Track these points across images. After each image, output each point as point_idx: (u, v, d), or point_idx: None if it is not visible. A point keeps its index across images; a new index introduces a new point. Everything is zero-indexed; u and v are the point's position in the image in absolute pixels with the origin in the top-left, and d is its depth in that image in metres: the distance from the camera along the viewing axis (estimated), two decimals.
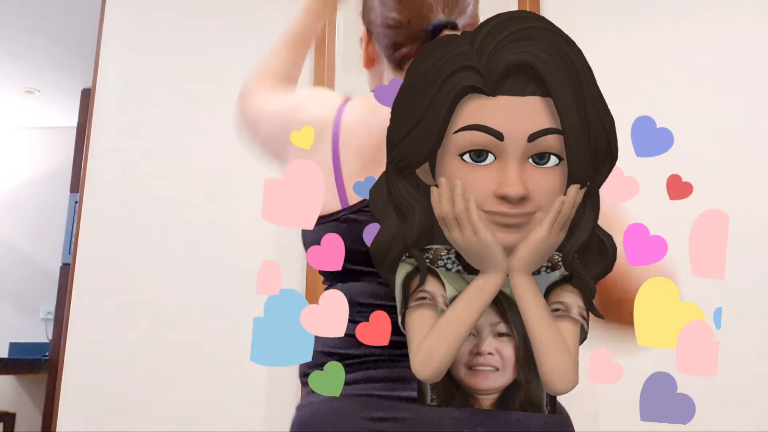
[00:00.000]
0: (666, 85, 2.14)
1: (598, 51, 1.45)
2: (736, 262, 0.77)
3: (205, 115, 2.33)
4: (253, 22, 2.39)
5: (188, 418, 2.07)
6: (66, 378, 2.15)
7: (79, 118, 3.83)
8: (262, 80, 1.03)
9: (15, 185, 4.69)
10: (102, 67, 2.40)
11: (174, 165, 2.30)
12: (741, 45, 2.15)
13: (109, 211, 2.28)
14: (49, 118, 4.53)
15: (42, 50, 3.57)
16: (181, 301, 2.17)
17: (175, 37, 2.42)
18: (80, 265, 2.24)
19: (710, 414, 1.56)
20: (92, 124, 2.36)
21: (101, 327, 2.17)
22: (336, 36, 2.36)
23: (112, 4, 2.46)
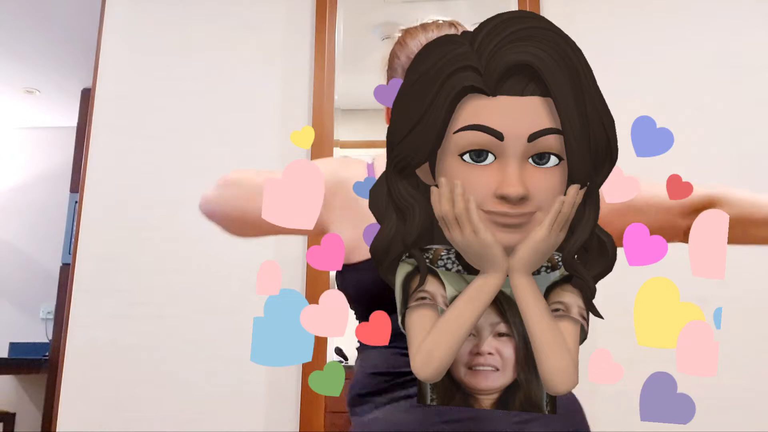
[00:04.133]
0: (666, 85, 2.14)
1: (598, 51, 1.45)
2: (736, 262, 0.77)
3: (205, 115, 2.33)
4: (253, 23, 2.39)
5: (188, 418, 2.07)
6: (66, 378, 2.15)
7: (79, 118, 3.84)
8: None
9: (15, 185, 4.69)
10: (102, 67, 2.41)
11: (173, 165, 2.30)
12: (741, 45, 2.15)
13: (109, 211, 2.28)
14: (49, 118, 4.53)
15: (42, 50, 3.57)
16: (181, 301, 2.17)
17: (175, 37, 2.42)
18: (80, 265, 2.24)
19: (710, 414, 1.56)
20: (92, 124, 2.36)
21: (101, 327, 2.18)
22: (336, 36, 2.36)
23: (112, 4, 2.46)
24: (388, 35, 3.19)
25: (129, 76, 2.41)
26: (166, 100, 2.36)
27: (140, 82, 2.40)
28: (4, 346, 4.09)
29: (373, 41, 2.91)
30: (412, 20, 1.08)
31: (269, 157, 2.24)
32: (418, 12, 2.84)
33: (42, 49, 3.56)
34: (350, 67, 2.47)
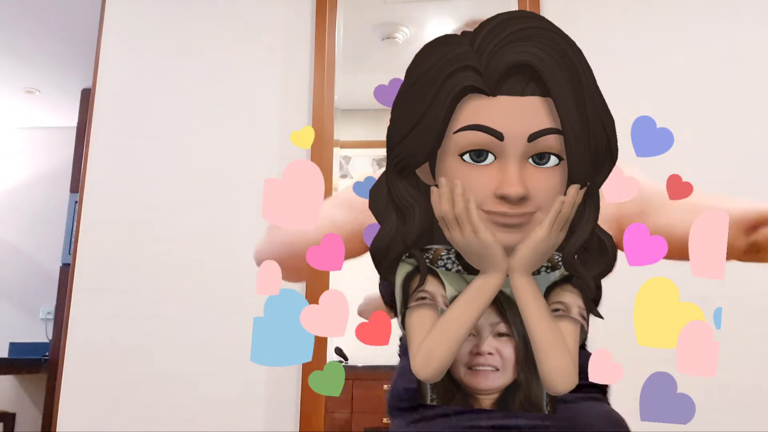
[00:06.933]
0: (666, 85, 2.14)
1: (598, 51, 1.45)
2: (736, 262, 0.77)
3: (205, 115, 2.33)
4: (253, 22, 2.39)
5: (188, 418, 2.07)
6: (66, 378, 2.15)
7: (79, 118, 3.84)
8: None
9: (15, 185, 4.69)
10: (102, 67, 2.41)
11: (174, 165, 2.30)
12: (741, 45, 2.15)
13: (109, 211, 2.28)
14: (49, 118, 4.53)
15: (42, 50, 3.57)
16: (181, 301, 2.17)
17: (174, 37, 2.42)
18: (80, 265, 2.24)
19: (710, 414, 1.56)
20: (92, 124, 2.36)
21: (101, 327, 2.18)
22: (336, 36, 2.36)
23: (112, 4, 2.46)
24: (388, 35, 3.21)
25: (129, 76, 2.41)
26: (166, 100, 2.37)
27: (140, 82, 2.40)
28: (4, 346, 4.09)
29: (373, 41, 2.91)
30: (412, 20, 1.08)
31: (269, 157, 2.24)
32: (418, 12, 2.86)
33: (42, 49, 3.56)
34: (350, 67, 2.47)
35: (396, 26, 2.90)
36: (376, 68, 3.13)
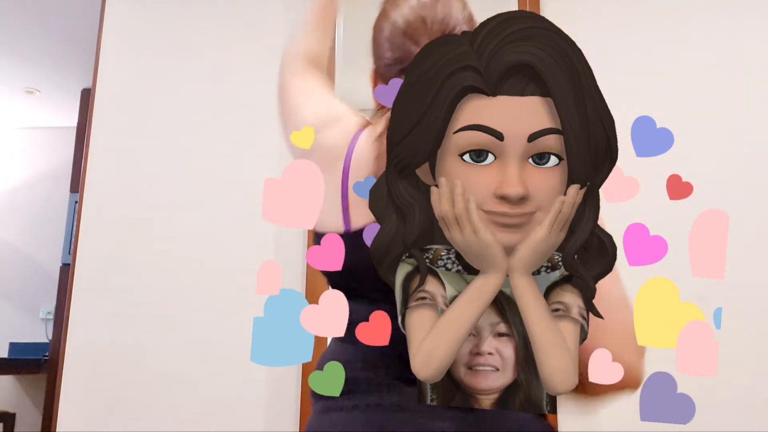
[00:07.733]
0: (666, 85, 2.14)
1: (598, 51, 1.45)
2: (736, 262, 0.77)
3: (205, 115, 2.33)
4: (253, 22, 2.39)
5: (188, 418, 2.07)
6: (66, 378, 2.15)
7: (79, 118, 3.83)
8: (297, 66, 1.12)
9: (15, 185, 4.69)
10: (102, 67, 2.40)
11: (173, 165, 2.29)
12: (741, 45, 2.15)
13: (109, 211, 2.28)
14: (49, 118, 4.53)
15: (42, 50, 3.57)
16: (181, 301, 2.17)
17: (174, 38, 2.42)
18: (80, 265, 2.24)
19: (710, 414, 1.56)
20: (92, 124, 2.36)
21: (101, 327, 2.17)
22: (336, 36, 2.36)
23: (112, 4, 2.46)
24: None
25: (129, 76, 2.41)
26: (166, 100, 2.36)
27: (140, 82, 2.40)
28: (4, 346, 4.09)
29: None
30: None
31: (269, 157, 2.23)
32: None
33: (42, 49, 3.56)
34: (350, 67, 2.47)
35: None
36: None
